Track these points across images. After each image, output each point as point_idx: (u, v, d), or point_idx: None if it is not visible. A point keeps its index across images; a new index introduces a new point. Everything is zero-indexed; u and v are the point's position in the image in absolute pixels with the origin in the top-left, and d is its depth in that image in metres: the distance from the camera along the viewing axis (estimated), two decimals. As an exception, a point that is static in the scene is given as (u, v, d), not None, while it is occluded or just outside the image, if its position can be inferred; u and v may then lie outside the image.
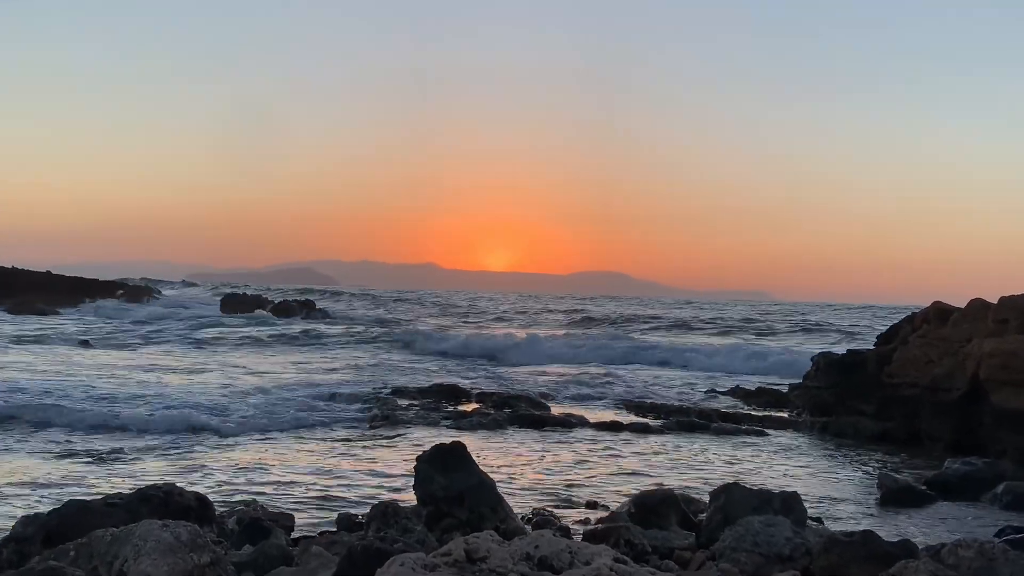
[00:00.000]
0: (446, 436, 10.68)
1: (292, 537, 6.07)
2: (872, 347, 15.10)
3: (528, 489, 8.53)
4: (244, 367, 19.83)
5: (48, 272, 48.55)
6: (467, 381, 18.00)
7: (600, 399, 16.26)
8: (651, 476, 9.39)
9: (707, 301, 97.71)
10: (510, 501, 6.73)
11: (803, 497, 6.33)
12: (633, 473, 9.53)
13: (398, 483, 8.44)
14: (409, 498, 6.75)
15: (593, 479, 9.14)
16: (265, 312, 42.70)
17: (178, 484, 6.11)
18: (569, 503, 7.96)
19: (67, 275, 49.63)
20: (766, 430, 13.09)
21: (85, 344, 24.00)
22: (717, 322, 45.31)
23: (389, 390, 15.94)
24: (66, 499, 5.65)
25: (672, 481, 8.96)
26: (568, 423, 12.83)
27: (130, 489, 5.94)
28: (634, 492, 7.61)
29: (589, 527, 6.41)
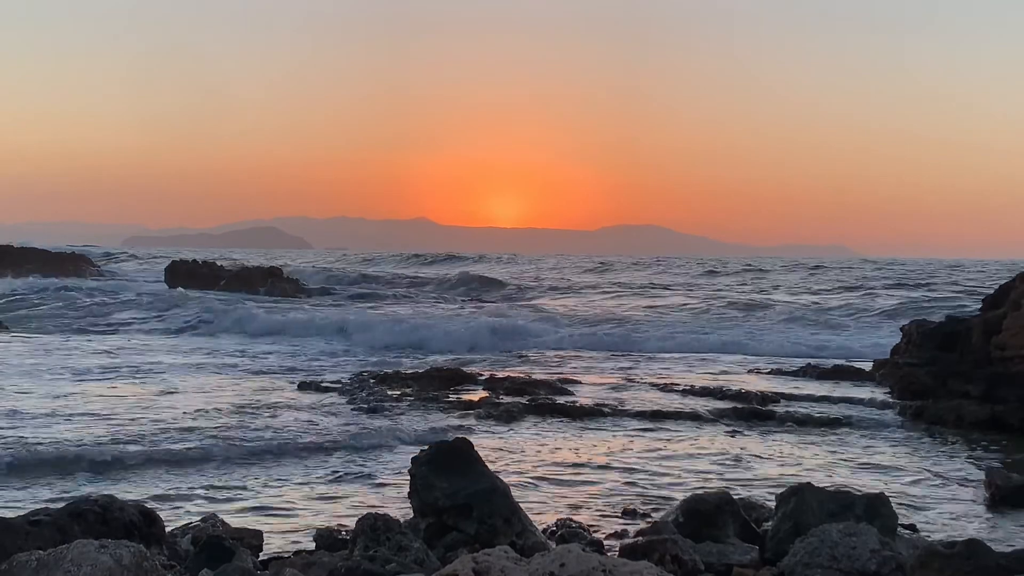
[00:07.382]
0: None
1: (260, 559, 6.13)
2: (977, 312, 15.04)
3: (551, 495, 8.58)
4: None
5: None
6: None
7: (638, 383, 16.31)
8: (703, 476, 9.42)
9: (771, 257, 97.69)
10: (529, 510, 6.77)
11: (892, 499, 6.34)
12: (681, 473, 9.57)
13: (390, 490, 8.51)
14: (404, 508, 6.80)
15: (631, 481, 9.18)
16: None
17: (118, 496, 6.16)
18: (602, 511, 8.01)
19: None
20: (845, 417, 13.09)
21: None
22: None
23: (373, 378, 16.02)
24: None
25: (729, 482, 8.99)
26: (600, 413, 12.88)
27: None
28: (682, 496, 7.64)
29: (627, 540, 6.45)
